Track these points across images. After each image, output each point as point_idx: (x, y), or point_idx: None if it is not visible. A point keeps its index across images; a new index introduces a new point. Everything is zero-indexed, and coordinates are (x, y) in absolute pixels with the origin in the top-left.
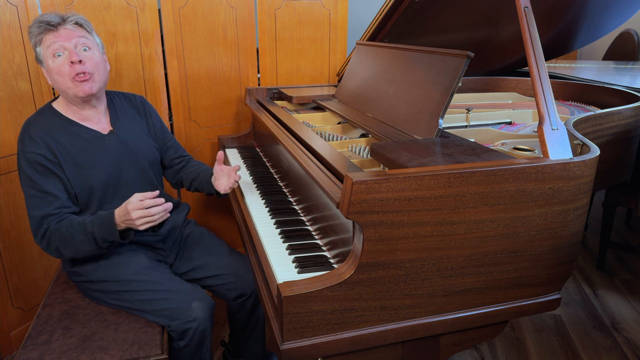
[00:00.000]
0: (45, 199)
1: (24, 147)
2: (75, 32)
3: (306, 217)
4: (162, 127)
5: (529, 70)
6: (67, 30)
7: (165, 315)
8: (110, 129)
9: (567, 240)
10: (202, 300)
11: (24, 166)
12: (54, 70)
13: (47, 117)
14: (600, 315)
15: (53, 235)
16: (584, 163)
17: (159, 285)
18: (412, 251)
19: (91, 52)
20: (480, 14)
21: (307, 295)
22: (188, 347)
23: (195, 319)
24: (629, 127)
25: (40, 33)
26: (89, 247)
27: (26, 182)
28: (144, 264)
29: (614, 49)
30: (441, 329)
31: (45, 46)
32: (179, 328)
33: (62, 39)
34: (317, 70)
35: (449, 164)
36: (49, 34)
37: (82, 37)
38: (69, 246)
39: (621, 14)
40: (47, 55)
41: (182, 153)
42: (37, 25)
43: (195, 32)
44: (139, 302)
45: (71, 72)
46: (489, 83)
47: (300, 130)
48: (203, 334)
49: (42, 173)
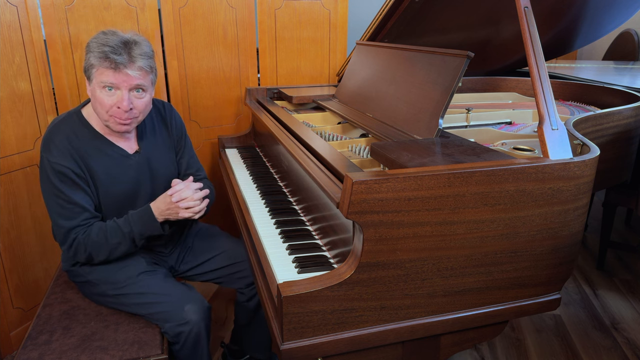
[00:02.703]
0: (74, 210)
1: (50, 157)
2: (135, 79)
3: (306, 217)
4: (181, 137)
5: (529, 70)
6: (128, 76)
7: (158, 319)
8: (137, 148)
9: (567, 240)
10: (195, 303)
11: (50, 175)
12: (97, 99)
13: (74, 124)
14: (600, 315)
15: (82, 244)
16: (584, 163)
17: (152, 289)
18: (412, 251)
19: (144, 94)
20: (481, 14)
21: (307, 295)
22: (183, 350)
23: (188, 322)
24: (629, 127)
25: (99, 64)
26: (124, 247)
27: (51, 191)
28: (138, 269)
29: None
30: (441, 329)
31: (99, 76)
32: (172, 331)
33: (119, 81)
34: (317, 70)
35: (449, 164)
36: (108, 71)
37: (140, 82)
38: (101, 250)
39: (621, 14)
40: (97, 83)
41: (195, 168)
42: (99, 54)
43: (195, 32)
44: (134, 306)
45: (115, 113)
46: (489, 83)
47: (300, 130)
48: (197, 336)
49: (69, 185)
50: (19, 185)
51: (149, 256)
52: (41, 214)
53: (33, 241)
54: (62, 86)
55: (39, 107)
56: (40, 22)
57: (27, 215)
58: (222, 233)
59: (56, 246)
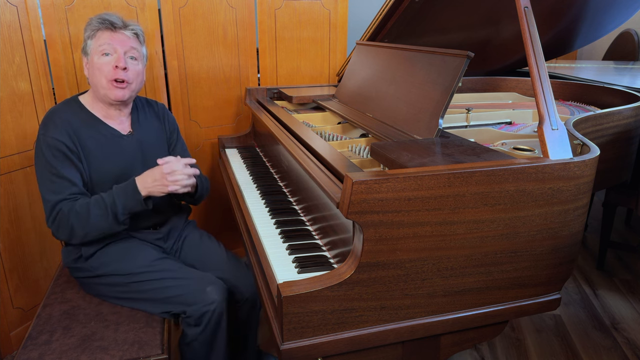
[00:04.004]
0: (62, 184)
1: (47, 132)
2: (130, 41)
3: (306, 217)
4: (174, 134)
5: (529, 70)
6: (124, 36)
7: (180, 302)
8: (130, 130)
9: (567, 240)
10: (215, 284)
11: (43, 149)
12: (96, 66)
13: (72, 107)
14: (600, 315)
15: (65, 216)
16: (584, 163)
17: (172, 274)
18: (412, 251)
19: (137, 62)
20: (481, 14)
21: (307, 295)
22: (204, 333)
23: (213, 302)
24: (629, 127)
25: (98, 29)
26: (105, 222)
27: (44, 166)
28: (152, 257)
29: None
30: (441, 329)
31: (97, 42)
32: (196, 313)
33: (116, 41)
34: (317, 70)
35: (449, 164)
36: (106, 32)
37: (134, 47)
38: (82, 224)
39: (621, 14)
40: (96, 51)
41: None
42: (98, 20)
43: (195, 32)
44: (151, 292)
45: (112, 75)
46: (489, 83)
47: (300, 130)
48: (220, 317)
49: (61, 159)
50: (19, 185)
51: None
52: (41, 214)
53: (33, 241)
54: (62, 86)
55: (39, 107)
56: (40, 22)
57: (27, 215)
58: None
59: (56, 246)
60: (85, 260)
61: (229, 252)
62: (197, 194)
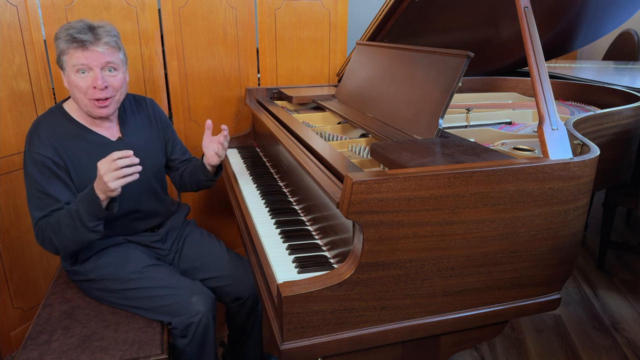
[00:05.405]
0: (46, 201)
1: (32, 147)
2: (105, 56)
3: (306, 217)
4: (168, 130)
5: (529, 70)
6: (97, 53)
7: (166, 312)
8: (119, 135)
9: (567, 240)
10: (202, 294)
11: (29, 165)
12: (73, 84)
13: (56, 118)
14: (600, 315)
15: (45, 231)
16: (584, 163)
17: (158, 282)
18: (412, 251)
19: (116, 72)
20: (481, 14)
21: (307, 295)
22: (192, 344)
23: (198, 313)
24: (629, 127)
25: (67, 47)
26: (75, 231)
27: (30, 182)
28: (143, 263)
29: (614, 49)
30: (441, 329)
31: (70, 60)
32: (181, 324)
33: (90, 60)
34: (317, 70)
35: (449, 164)
36: (78, 51)
37: (109, 60)
38: (57, 236)
39: (621, 14)
40: (70, 69)
41: (188, 157)
42: (66, 37)
43: (195, 32)
44: (140, 300)
45: (92, 94)
46: (489, 83)
47: (300, 130)
48: (206, 327)
49: (47, 175)
50: (19, 185)
51: (150, 251)
52: None
53: (33, 241)
54: (62, 86)
55: (39, 107)
56: (40, 22)
57: (27, 215)
58: (214, 242)
59: None
60: (81, 264)
61: (230, 251)
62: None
